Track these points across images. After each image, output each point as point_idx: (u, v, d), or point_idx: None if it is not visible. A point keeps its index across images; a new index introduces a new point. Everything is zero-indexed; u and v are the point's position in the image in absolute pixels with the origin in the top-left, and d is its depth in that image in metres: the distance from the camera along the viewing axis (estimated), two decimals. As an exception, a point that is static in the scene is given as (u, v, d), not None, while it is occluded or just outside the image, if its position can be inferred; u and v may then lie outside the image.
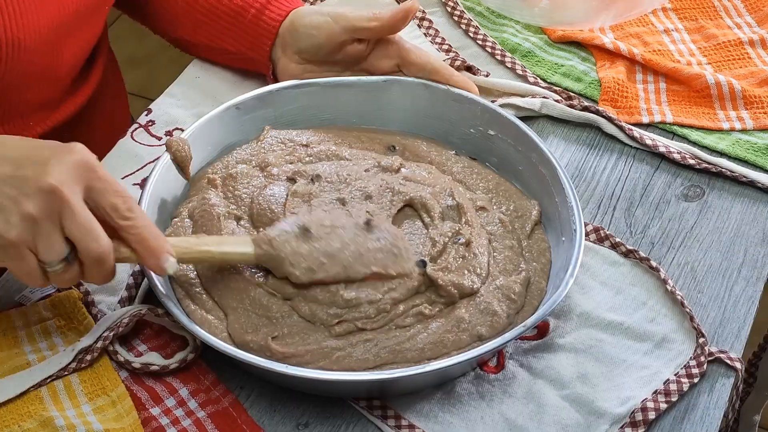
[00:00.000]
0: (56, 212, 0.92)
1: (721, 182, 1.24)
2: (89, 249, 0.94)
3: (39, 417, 0.99)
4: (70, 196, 0.92)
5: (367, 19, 1.23)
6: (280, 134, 1.21)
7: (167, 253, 0.97)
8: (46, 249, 0.93)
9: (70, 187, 0.93)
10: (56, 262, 0.94)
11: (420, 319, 1.03)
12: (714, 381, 1.05)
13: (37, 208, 0.92)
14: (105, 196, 0.95)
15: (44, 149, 0.96)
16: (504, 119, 1.21)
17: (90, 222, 0.93)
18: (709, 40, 1.42)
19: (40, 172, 0.92)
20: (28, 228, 0.92)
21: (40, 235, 0.92)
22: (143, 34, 1.58)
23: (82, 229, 0.93)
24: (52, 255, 0.93)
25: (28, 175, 0.93)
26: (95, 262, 0.95)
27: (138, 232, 0.96)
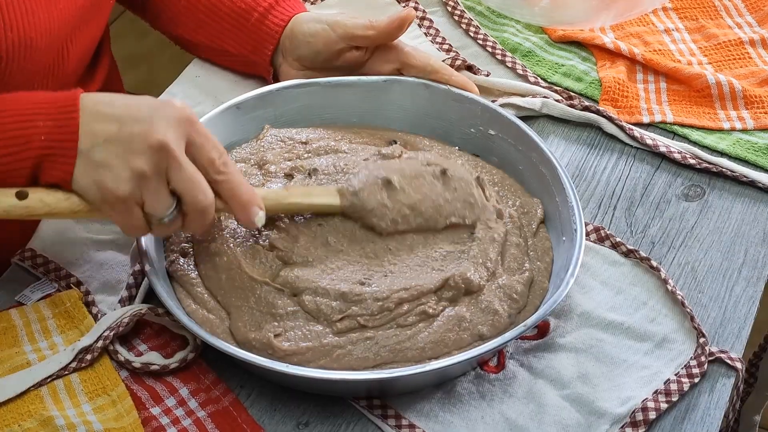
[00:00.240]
0: (164, 167, 0.96)
1: (721, 182, 1.24)
2: (196, 201, 0.97)
3: (39, 416, 0.99)
4: (177, 150, 0.96)
5: (363, 27, 1.23)
6: (279, 133, 1.21)
7: (257, 207, 1.01)
8: (154, 203, 0.97)
9: (176, 141, 0.96)
10: (163, 215, 0.97)
11: (423, 318, 1.03)
12: (714, 381, 1.05)
13: (146, 164, 0.95)
14: (204, 150, 0.98)
15: (144, 106, 0.99)
16: (504, 119, 1.21)
17: (196, 175, 0.97)
18: (710, 39, 1.42)
19: (147, 129, 0.96)
20: (137, 184, 0.96)
21: (148, 190, 0.96)
22: (143, 33, 1.58)
23: (188, 182, 0.97)
24: (160, 208, 0.97)
25: (134, 132, 0.96)
26: (200, 213, 0.98)
27: (232, 186, 0.99)
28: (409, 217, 1.08)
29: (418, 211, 1.08)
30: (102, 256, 1.13)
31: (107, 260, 1.13)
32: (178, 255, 1.09)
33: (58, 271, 1.11)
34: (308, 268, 1.05)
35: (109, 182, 0.96)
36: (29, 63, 1.14)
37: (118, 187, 0.96)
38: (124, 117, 0.97)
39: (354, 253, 1.08)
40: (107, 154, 0.96)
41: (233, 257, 1.07)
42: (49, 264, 1.12)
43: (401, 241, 1.09)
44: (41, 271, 1.12)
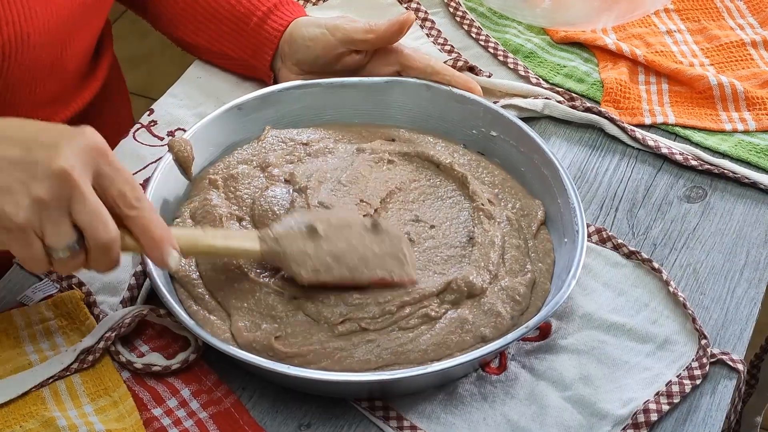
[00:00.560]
0: (66, 197, 0.90)
1: (723, 183, 1.24)
2: (97, 236, 0.91)
3: (41, 417, 0.99)
4: (81, 181, 0.90)
5: (363, 31, 1.23)
6: (281, 134, 1.21)
7: (171, 247, 0.95)
8: (53, 234, 0.91)
9: (81, 171, 0.91)
10: (63, 249, 0.92)
11: (425, 321, 1.03)
12: (716, 383, 1.05)
13: (47, 192, 0.90)
14: (114, 183, 0.93)
15: (53, 131, 0.93)
16: (506, 120, 1.21)
17: (99, 209, 0.91)
18: (712, 41, 1.42)
19: (51, 156, 0.90)
20: (36, 212, 0.90)
21: (48, 220, 0.90)
22: (144, 34, 1.58)
23: (91, 215, 0.91)
24: (59, 241, 0.91)
25: (38, 158, 0.91)
26: (102, 249, 0.92)
27: (144, 222, 0.94)
28: (332, 266, 1.03)
29: (343, 261, 1.03)
30: (104, 257, 1.13)
31: (109, 261, 1.13)
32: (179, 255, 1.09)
33: (60, 272, 1.11)
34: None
35: (7, 208, 0.90)
36: (27, 59, 1.14)
37: (16, 213, 0.90)
38: (30, 141, 0.92)
39: None
40: (9, 179, 0.90)
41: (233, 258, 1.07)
42: (51, 265, 1.12)
43: None
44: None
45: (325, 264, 1.03)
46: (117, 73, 1.46)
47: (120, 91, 1.47)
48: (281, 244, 1.03)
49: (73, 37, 1.21)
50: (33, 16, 1.12)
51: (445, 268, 1.08)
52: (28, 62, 1.15)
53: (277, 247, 1.03)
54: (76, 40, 1.22)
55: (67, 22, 1.18)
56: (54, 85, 1.23)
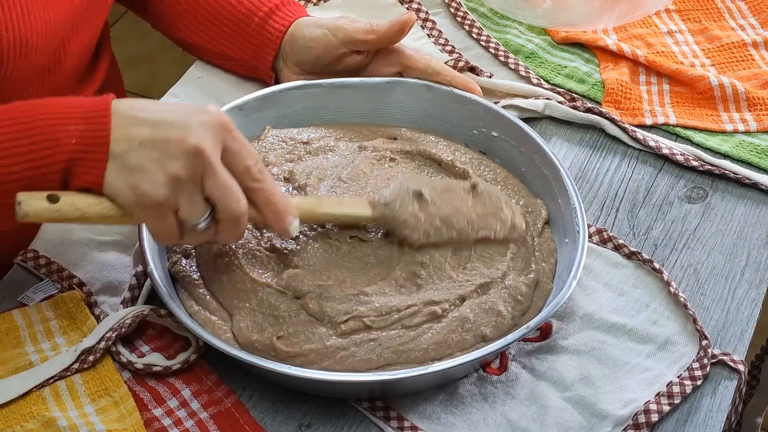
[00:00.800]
0: (199, 173, 0.94)
1: (724, 184, 1.24)
2: (230, 209, 0.96)
3: (41, 417, 0.99)
4: (212, 156, 0.95)
5: (364, 32, 1.23)
6: (281, 133, 1.21)
7: (292, 216, 1.00)
8: (189, 209, 0.95)
9: (212, 147, 0.95)
10: (197, 221, 0.96)
11: (429, 319, 1.03)
12: (717, 383, 1.05)
13: (182, 168, 0.94)
14: (240, 158, 0.97)
15: (180, 111, 0.97)
16: (507, 120, 1.21)
17: (230, 182, 0.96)
18: (713, 41, 1.42)
19: (183, 134, 0.94)
20: (172, 188, 0.94)
21: (183, 195, 0.95)
22: (145, 34, 1.58)
23: (223, 189, 0.95)
24: (194, 214, 0.96)
25: (170, 137, 0.95)
26: (233, 221, 0.97)
27: (267, 194, 0.98)
28: (442, 229, 1.07)
29: (450, 223, 1.07)
30: (104, 257, 1.13)
31: (110, 261, 1.13)
32: (180, 256, 1.09)
33: (61, 272, 1.11)
34: (310, 272, 1.05)
35: (144, 186, 0.94)
36: (26, 62, 1.14)
37: (153, 190, 0.94)
38: (159, 121, 0.96)
39: (355, 259, 1.07)
40: (142, 158, 0.95)
41: (235, 259, 1.07)
42: (52, 265, 1.12)
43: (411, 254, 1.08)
44: (44, 272, 1.12)
45: (435, 227, 1.07)
46: (115, 74, 1.46)
47: (118, 92, 1.46)
48: (392, 209, 1.06)
49: (71, 39, 1.21)
50: (32, 20, 1.12)
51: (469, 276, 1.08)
52: (26, 65, 1.14)
53: (388, 212, 1.07)
54: (75, 42, 1.22)
55: (66, 24, 1.17)
56: (51, 86, 1.23)
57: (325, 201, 1.09)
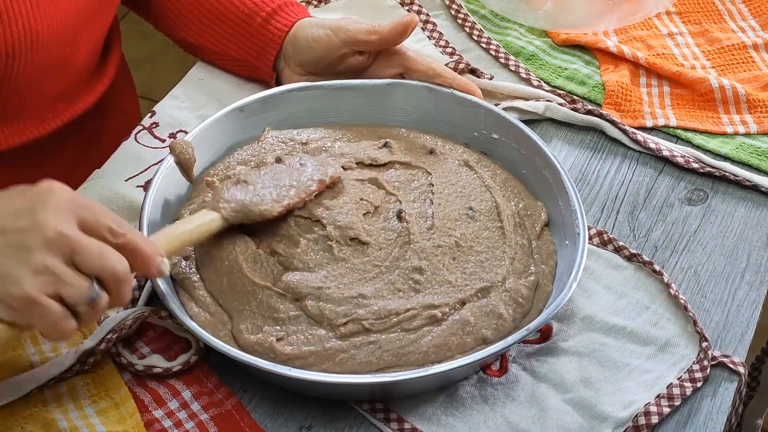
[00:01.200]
0: (69, 254, 0.90)
1: (724, 186, 1.24)
2: (116, 272, 0.91)
3: (42, 419, 0.99)
4: (75, 234, 0.90)
5: (366, 33, 1.23)
6: (281, 134, 1.21)
7: (159, 256, 0.96)
8: (73, 291, 0.90)
9: (70, 225, 0.90)
10: (88, 297, 0.91)
11: (428, 322, 1.03)
12: (717, 385, 1.05)
13: (49, 257, 0.89)
14: (98, 222, 0.92)
15: (17, 197, 0.93)
16: (507, 122, 1.21)
17: (105, 249, 0.91)
18: (713, 43, 1.42)
19: (36, 222, 0.90)
20: (44, 279, 0.89)
21: (62, 282, 0.89)
22: (146, 35, 1.58)
23: (99, 257, 0.91)
24: (82, 294, 0.90)
25: (22, 228, 0.90)
26: (121, 283, 0.92)
27: (134, 245, 0.94)
28: (282, 192, 1.09)
29: (285, 184, 1.10)
30: (105, 258, 1.13)
31: (110, 263, 1.13)
32: (180, 258, 1.09)
33: (62, 274, 1.11)
34: (310, 273, 1.05)
35: (11, 289, 0.88)
36: (37, 57, 1.14)
37: (22, 289, 0.88)
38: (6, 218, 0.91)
39: (355, 261, 1.07)
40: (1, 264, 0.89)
41: (234, 261, 1.07)
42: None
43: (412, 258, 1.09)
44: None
45: (276, 194, 1.09)
46: (125, 72, 1.46)
47: (128, 92, 1.47)
48: (232, 200, 1.07)
49: (81, 34, 1.21)
50: (42, 15, 1.12)
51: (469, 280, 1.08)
52: (38, 60, 1.15)
53: (232, 204, 1.07)
54: (85, 37, 1.22)
55: (76, 19, 1.18)
56: (63, 82, 1.24)
57: (175, 226, 1.05)
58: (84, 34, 1.22)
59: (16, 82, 1.15)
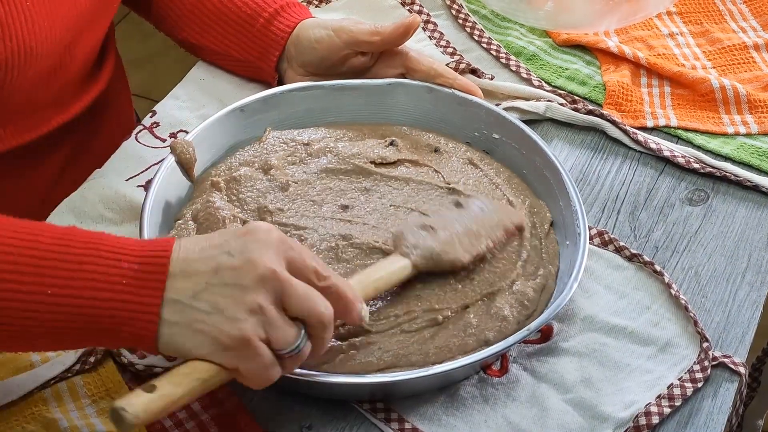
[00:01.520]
0: (278, 296, 0.88)
1: (725, 186, 1.24)
2: (322, 317, 0.90)
3: (43, 419, 0.99)
4: (284, 273, 0.89)
5: (368, 33, 1.23)
6: (282, 134, 1.21)
7: (360, 303, 0.94)
8: (282, 335, 0.88)
9: (280, 265, 0.89)
10: (294, 344, 0.89)
11: (429, 324, 1.03)
12: (718, 386, 1.05)
13: (262, 296, 0.88)
14: (305, 263, 0.91)
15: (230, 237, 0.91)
16: (508, 122, 1.21)
17: (312, 292, 0.90)
18: (714, 44, 1.42)
19: (250, 260, 0.88)
20: (257, 320, 0.88)
21: (271, 324, 0.88)
22: (147, 35, 1.58)
23: (307, 301, 0.89)
24: (288, 340, 0.89)
25: (237, 266, 0.88)
26: (325, 327, 0.91)
27: (338, 290, 0.92)
28: (471, 241, 1.07)
29: (473, 234, 1.07)
30: (106, 258, 1.13)
31: (111, 263, 1.13)
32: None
33: (63, 274, 1.11)
34: None
35: (227, 328, 0.87)
36: (31, 69, 1.14)
37: (239, 328, 0.87)
38: (221, 257, 0.89)
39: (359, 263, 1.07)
40: (215, 299, 0.88)
41: None
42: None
43: None
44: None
45: (465, 243, 1.06)
46: (120, 75, 1.46)
47: (123, 93, 1.47)
48: (423, 247, 1.05)
49: (76, 43, 1.21)
50: (36, 30, 1.12)
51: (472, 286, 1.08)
52: (32, 72, 1.14)
53: (422, 251, 1.05)
54: (80, 46, 1.22)
55: (71, 29, 1.17)
56: (56, 88, 1.23)
57: (368, 272, 1.03)
58: (80, 43, 1.21)
59: (8, 93, 1.15)
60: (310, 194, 1.14)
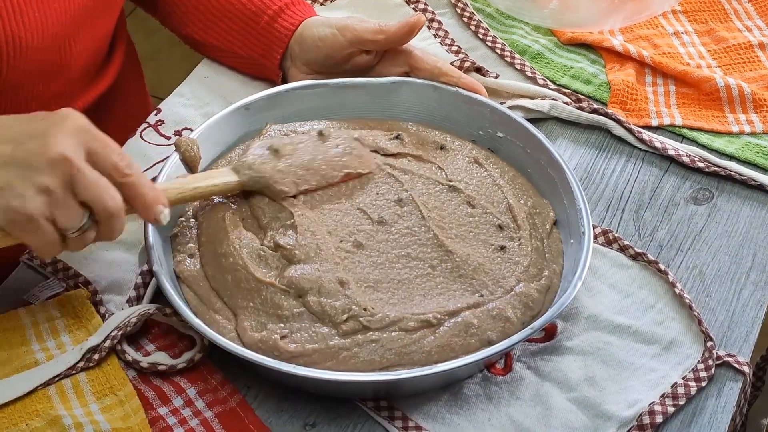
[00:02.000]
0: (68, 180, 0.93)
1: (730, 185, 1.24)
2: (107, 207, 0.95)
3: (47, 416, 0.99)
4: (78, 161, 0.94)
5: (373, 32, 1.23)
6: (283, 127, 1.21)
7: (161, 205, 0.99)
8: (66, 216, 0.94)
9: (76, 152, 0.94)
10: (77, 226, 0.96)
11: (424, 326, 1.03)
12: (722, 385, 1.05)
13: (50, 179, 0.93)
14: (106, 156, 0.96)
15: (38, 121, 0.97)
16: (513, 121, 1.21)
17: (102, 181, 0.95)
18: (719, 43, 1.42)
19: (45, 144, 0.94)
20: (44, 201, 0.93)
21: (57, 206, 0.94)
22: (151, 32, 1.58)
23: (96, 190, 0.95)
24: (72, 221, 0.95)
25: (32, 149, 0.94)
26: (112, 218, 0.96)
27: (137, 188, 0.98)
28: (307, 176, 1.12)
29: (312, 168, 1.12)
30: (110, 255, 1.13)
31: (115, 260, 1.13)
32: (185, 256, 1.09)
33: (66, 271, 1.12)
34: (312, 265, 1.05)
35: (14, 203, 0.93)
36: (24, 62, 1.14)
37: (24, 206, 0.93)
38: (18, 135, 0.95)
39: (363, 256, 1.08)
40: (8, 176, 0.93)
41: (239, 258, 1.07)
42: (57, 263, 1.12)
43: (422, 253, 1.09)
44: (49, 271, 1.12)
45: (299, 175, 1.12)
46: (133, 68, 1.45)
47: (136, 86, 1.46)
48: (255, 169, 1.11)
49: (75, 39, 1.20)
50: (27, 22, 1.12)
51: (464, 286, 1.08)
52: (25, 64, 1.14)
53: (252, 173, 1.10)
54: (81, 42, 1.22)
55: (67, 25, 1.17)
56: (58, 83, 1.23)
57: (191, 179, 1.10)
58: (78, 40, 1.21)
59: (3, 85, 1.15)
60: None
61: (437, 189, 1.16)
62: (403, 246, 1.09)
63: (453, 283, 1.07)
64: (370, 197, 1.14)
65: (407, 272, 1.07)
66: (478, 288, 1.06)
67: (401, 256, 1.08)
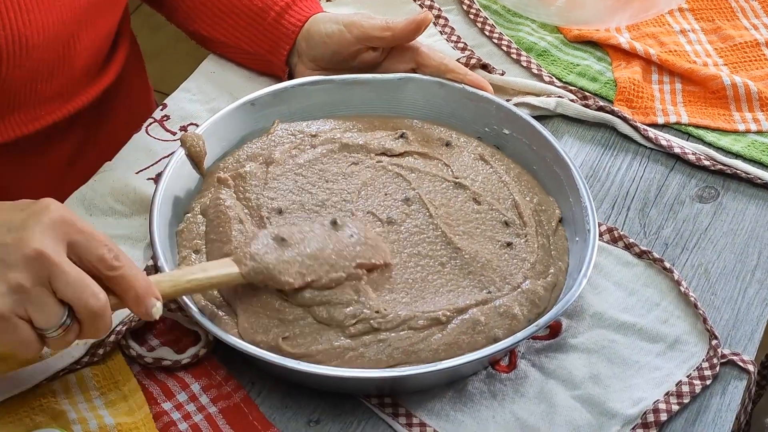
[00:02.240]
0: (45, 277, 0.88)
1: (735, 184, 1.24)
2: (88, 306, 0.89)
3: (51, 410, 0.99)
4: (56, 257, 0.88)
5: (380, 29, 1.23)
6: (290, 126, 1.21)
7: (154, 298, 0.93)
8: (42, 316, 0.88)
9: (55, 247, 0.88)
10: (55, 326, 0.89)
11: (433, 323, 1.03)
12: (726, 383, 1.05)
13: (24, 276, 0.87)
14: (90, 249, 0.90)
15: (17, 212, 0.91)
16: (519, 118, 1.20)
17: (83, 279, 0.89)
18: (726, 41, 1.42)
19: (20, 239, 0.88)
20: (17, 298, 0.87)
21: (32, 304, 0.88)
22: (157, 28, 1.58)
23: (76, 288, 0.88)
24: (50, 321, 0.89)
25: (7, 243, 0.88)
26: (95, 317, 0.90)
27: (127, 281, 0.91)
28: (314, 266, 1.02)
29: (321, 258, 1.03)
30: (115, 251, 1.13)
31: (120, 255, 1.13)
32: (190, 251, 1.09)
33: (72, 266, 1.11)
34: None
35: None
36: (27, 61, 1.14)
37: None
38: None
39: None
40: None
41: None
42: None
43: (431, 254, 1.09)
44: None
45: (305, 266, 1.02)
46: (136, 64, 1.45)
47: (139, 83, 1.46)
48: (258, 259, 1.02)
49: (78, 37, 1.20)
50: (31, 20, 1.11)
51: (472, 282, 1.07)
52: (28, 62, 1.14)
53: (255, 264, 1.01)
54: (83, 39, 1.22)
55: (70, 23, 1.17)
56: (60, 81, 1.23)
57: (187, 270, 1.01)
58: (83, 38, 1.21)
59: (4, 83, 1.14)
60: (307, 188, 1.14)
61: (443, 186, 1.16)
62: (413, 244, 1.09)
63: (462, 279, 1.07)
64: (378, 199, 1.14)
65: (419, 270, 1.07)
66: (486, 284, 1.06)
67: (413, 254, 1.08)
